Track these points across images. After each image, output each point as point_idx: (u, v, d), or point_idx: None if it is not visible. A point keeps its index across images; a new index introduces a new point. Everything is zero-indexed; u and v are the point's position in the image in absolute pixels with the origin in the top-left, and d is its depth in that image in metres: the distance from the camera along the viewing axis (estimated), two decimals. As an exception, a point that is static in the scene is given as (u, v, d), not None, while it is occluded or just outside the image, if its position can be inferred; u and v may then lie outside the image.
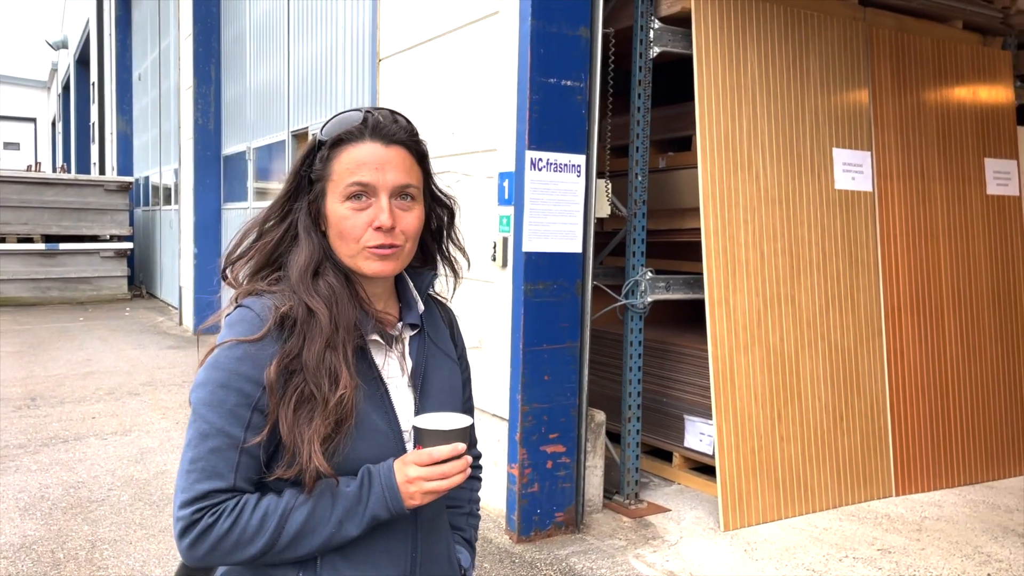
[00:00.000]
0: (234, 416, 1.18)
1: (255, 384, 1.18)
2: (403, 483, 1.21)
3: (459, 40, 4.25)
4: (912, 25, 4.86)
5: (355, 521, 1.21)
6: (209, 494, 1.16)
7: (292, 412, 1.18)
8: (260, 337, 1.20)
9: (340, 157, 1.27)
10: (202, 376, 1.20)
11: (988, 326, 4.94)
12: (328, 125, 1.29)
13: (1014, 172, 5.15)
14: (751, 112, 4.17)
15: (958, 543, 3.89)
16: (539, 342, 3.74)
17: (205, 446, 1.17)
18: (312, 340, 1.20)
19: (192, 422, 1.20)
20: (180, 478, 1.18)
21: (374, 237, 1.25)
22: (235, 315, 1.24)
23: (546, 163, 3.69)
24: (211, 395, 1.18)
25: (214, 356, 1.21)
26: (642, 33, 4.06)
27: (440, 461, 1.20)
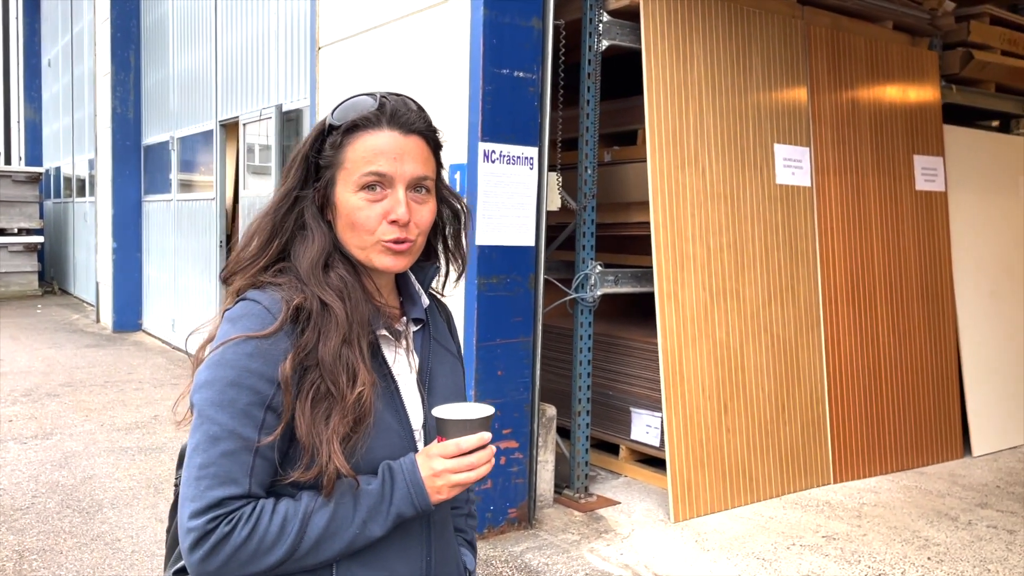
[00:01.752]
0: (247, 416, 1.09)
1: (268, 382, 1.10)
2: (429, 477, 1.15)
3: (406, 28, 4.15)
4: (846, 24, 4.99)
5: (379, 521, 1.15)
6: (223, 501, 1.08)
7: (309, 410, 1.11)
8: (272, 332, 1.12)
9: (354, 144, 1.19)
10: (207, 375, 1.11)
11: (917, 316, 5.12)
12: (340, 109, 1.22)
13: (940, 168, 5.35)
14: (697, 107, 4.21)
15: (897, 528, 4.01)
16: (492, 337, 3.69)
17: (216, 450, 1.08)
18: (328, 335, 1.13)
19: (198, 425, 1.10)
20: (188, 486, 1.09)
21: (389, 231, 1.19)
22: (239, 308, 1.16)
23: (499, 155, 3.64)
24: (220, 395, 1.09)
25: (220, 353, 1.11)
26: (591, 26, 4.04)
27: (467, 452, 1.15)
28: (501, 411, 3.76)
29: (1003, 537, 3.93)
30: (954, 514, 4.23)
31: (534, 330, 3.85)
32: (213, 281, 7.67)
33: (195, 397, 1.12)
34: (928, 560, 3.65)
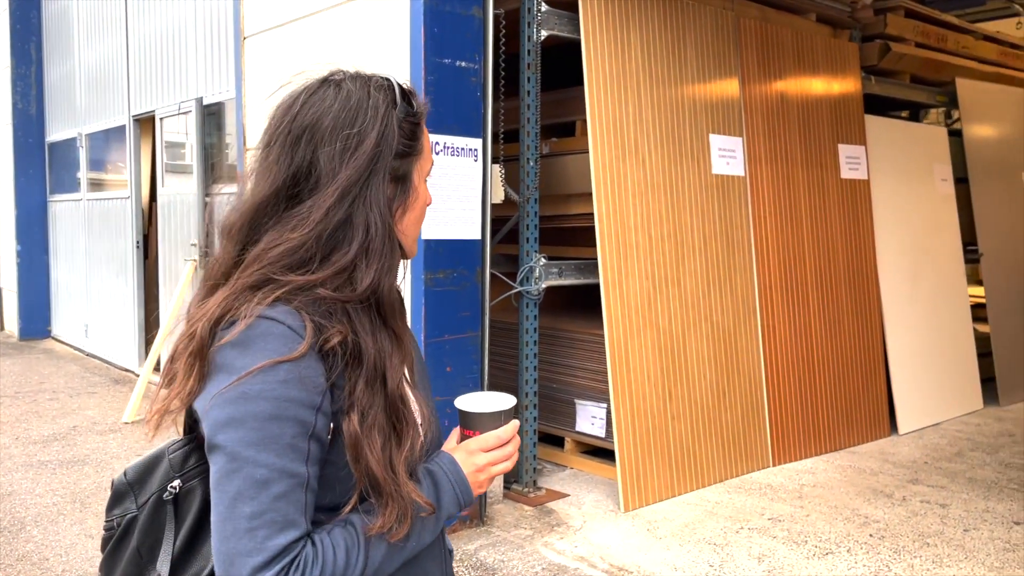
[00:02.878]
0: (294, 451, 0.98)
1: (309, 408, 0.99)
2: (472, 473, 1.14)
3: (341, 16, 4.02)
4: (773, 16, 5.09)
5: (431, 528, 1.11)
6: (287, 547, 0.97)
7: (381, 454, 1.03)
8: (302, 355, 0.99)
9: (425, 131, 1.15)
10: (232, 412, 0.98)
11: (845, 302, 5.28)
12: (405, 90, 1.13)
13: (863, 157, 5.52)
14: (636, 98, 4.22)
15: (837, 507, 4.12)
16: (440, 333, 3.62)
17: (267, 494, 0.97)
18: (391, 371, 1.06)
19: (234, 470, 0.97)
20: (239, 539, 0.96)
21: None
22: (254, 330, 1.00)
23: (443, 147, 3.56)
24: (258, 432, 0.97)
25: (245, 385, 0.97)
26: (530, 15, 4.00)
27: (506, 442, 1.15)
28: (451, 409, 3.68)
29: (936, 511, 4.09)
30: (888, 491, 4.37)
31: (482, 324, 3.79)
32: (130, 283, 7.32)
33: (220, 438, 0.98)
34: (870, 537, 3.76)
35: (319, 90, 1.12)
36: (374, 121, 1.08)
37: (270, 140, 1.11)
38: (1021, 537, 3.76)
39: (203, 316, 1.04)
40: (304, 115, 1.09)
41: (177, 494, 1.12)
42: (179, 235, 6.28)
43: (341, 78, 1.13)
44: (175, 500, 1.12)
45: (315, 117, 1.09)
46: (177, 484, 1.12)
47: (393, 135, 1.10)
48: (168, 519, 1.12)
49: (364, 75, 1.14)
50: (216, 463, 0.99)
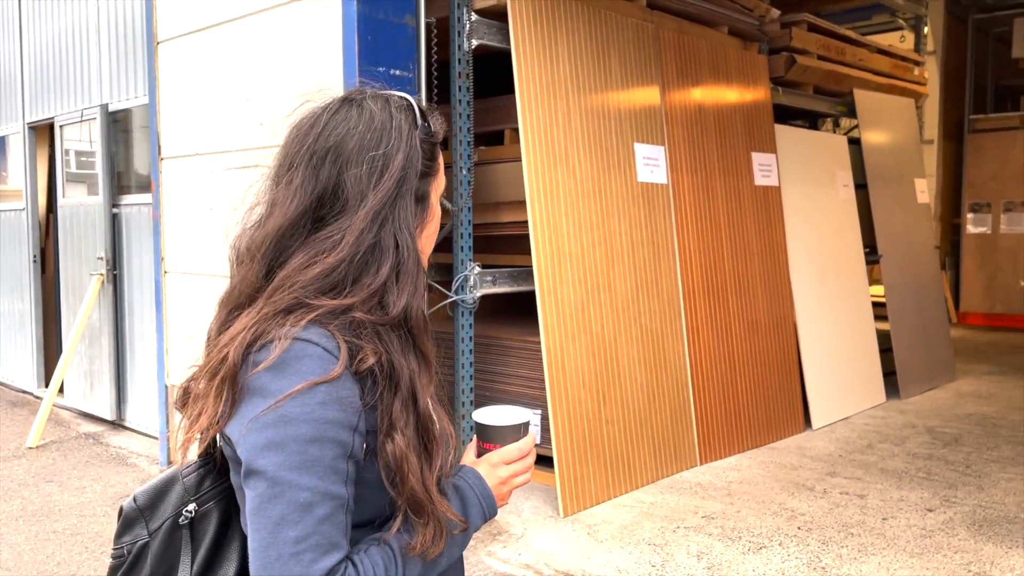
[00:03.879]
0: (335, 473, 0.99)
1: (348, 429, 1.00)
2: (496, 486, 1.17)
3: (267, 22, 3.92)
4: (689, 29, 5.26)
5: (460, 542, 1.14)
6: (332, 570, 0.97)
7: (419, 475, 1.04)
8: (338, 375, 0.99)
9: (439, 151, 1.18)
10: (271, 435, 0.97)
11: (761, 303, 5.49)
12: (423, 110, 1.15)
13: (774, 165, 5.76)
14: (565, 108, 4.28)
15: (765, 502, 4.27)
16: (378, 344, 3.56)
17: (312, 518, 0.97)
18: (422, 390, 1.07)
19: (278, 494, 0.96)
20: (283, 565, 0.95)
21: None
22: (289, 352, 0.99)
23: (379, 156, 3.51)
24: (299, 456, 0.97)
25: (284, 408, 0.97)
26: (459, 24, 4.00)
27: (527, 454, 1.19)
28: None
29: (856, 502, 4.29)
30: (810, 484, 4.56)
31: (419, 335, 3.75)
32: (27, 300, 6.91)
33: (260, 462, 0.97)
34: (799, 530, 3.91)
35: (341, 110, 1.11)
36: (399, 142, 1.09)
37: (292, 162, 1.10)
38: (935, 523, 3.98)
39: (233, 340, 1.02)
40: (328, 136, 1.09)
41: (193, 518, 1.11)
42: (83, 249, 5.98)
43: (362, 98, 1.13)
44: (191, 524, 1.11)
45: (339, 138, 1.08)
46: (193, 508, 1.12)
47: (418, 156, 1.11)
48: (184, 544, 1.11)
49: (384, 95, 1.15)
50: (256, 488, 0.98)
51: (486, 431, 1.17)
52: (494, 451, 1.17)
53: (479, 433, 1.19)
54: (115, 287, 5.65)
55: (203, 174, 4.39)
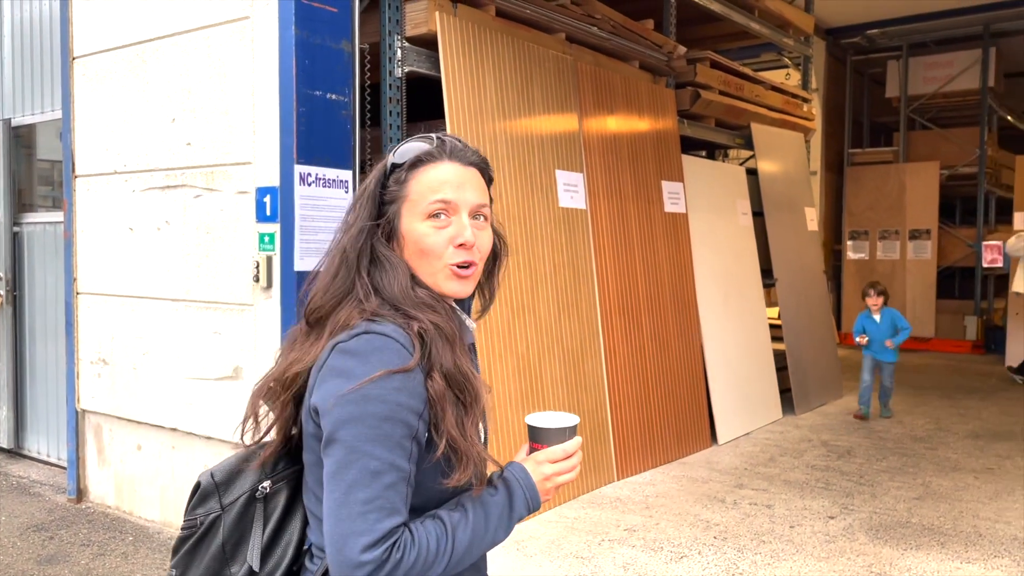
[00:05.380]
0: (401, 448, 1.17)
1: (415, 414, 1.18)
2: (540, 481, 1.30)
3: (197, 42, 3.89)
4: (605, 62, 5.50)
5: (505, 526, 1.28)
6: (392, 531, 1.15)
7: (454, 420, 1.21)
8: (414, 366, 1.18)
9: (418, 177, 1.29)
10: (354, 410, 1.15)
11: (671, 324, 5.75)
12: (400, 150, 1.32)
13: (681, 193, 6.06)
14: (492, 133, 4.41)
15: (681, 514, 4.48)
16: (313, 365, 3.57)
17: (379, 483, 1.14)
18: (445, 350, 1.23)
19: (352, 460, 1.14)
20: (353, 521, 1.13)
21: (456, 254, 1.29)
22: (367, 342, 1.19)
23: (315, 178, 3.54)
24: (375, 430, 1.15)
25: (365, 389, 1.15)
26: (390, 51, 4.08)
27: (571, 455, 1.31)
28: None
29: (764, 512, 4.55)
30: (721, 496, 4.80)
31: (352, 356, 3.78)
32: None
33: (341, 433, 1.15)
34: (715, 539, 4.12)
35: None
36: (370, 180, 1.34)
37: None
38: (837, 529, 4.28)
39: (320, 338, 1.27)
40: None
41: (267, 494, 1.29)
42: (-23, 268, 5.67)
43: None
44: (264, 499, 1.29)
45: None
46: (268, 485, 1.29)
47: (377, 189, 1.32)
48: (256, 516, 1.29)
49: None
50: (334, 455, 1.15)
51: (535, 433, 1.31)
52: (541, 450, 1.30)
53: (530, 435, 1.33)
54: (15, 309, 5.39)
55: (122, 193, 4.29)
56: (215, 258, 3.86)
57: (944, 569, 3.76)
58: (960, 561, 3.84)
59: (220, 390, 3.88)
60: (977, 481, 5.10)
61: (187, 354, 4.03)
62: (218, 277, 3.85)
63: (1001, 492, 4.88)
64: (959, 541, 4.09)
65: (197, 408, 4.00)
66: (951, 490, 4.92)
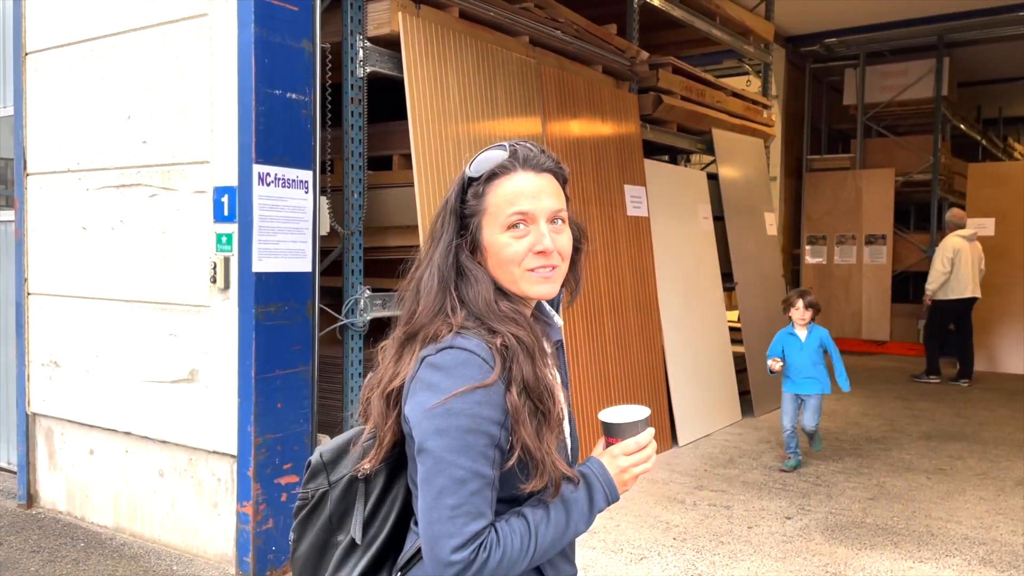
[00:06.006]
0: (484, 457, 1.27)
1: (496, 425, 1.27)
2: (617, 474, 1.37)
3: (154, 38, 3.82)
4: (568, 66, 5.52)
5: (585, 520, 1.36)
6: (478, 534, 1.25)
7: (532, 430, 1.29)
8: (495, 380, 1.27)
9: (495, 190, 1.37)
10: (440, 424, 1.26)
11: (633, 326, 5.79)
12: (476, 162, 1.40)
13: (644, 197, 6.10)
14: (455, 136, 4.40)
15: (641, 516, 4.50)
16: (271, 368, 3.53)
17: (465, 491, 1.25)
18: (526, 362, 1.30)
19: (440, 470, 1.25)
20: (443, 524, 1.24)
21: (535, 260, 1.36)
22: (451, 357, 1.29)
23: (274, 178, 3.50)
24: (459, 441, 1.25)
25: (450, 404, 1.25)
26: (352, 51, 4.05)
27: (644, 447, 1.38)
28: (282, 446, 3.60)
29: (723, 513, 4.59)
30: (680, 497, 4.84)
31: (312, 359, 3.74)
32: None
33: (430, 444, 1.26)
34: (674, 540, 4.15)
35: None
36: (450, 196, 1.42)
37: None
38: (794, 530, 4.33)
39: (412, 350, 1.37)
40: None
41: (369, 474, 1.42)
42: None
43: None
44: (366, 479, 1.42)
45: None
46: (367, 467, 1.41)
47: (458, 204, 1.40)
48: (359, 494, 1.43)
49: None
50: (424, 463, 1.27)
51: (609, 428, 1.38)
52: (616, 444, 1.37)
53: (604, 430, 1.40)
54: (-38, 310, 5.24)
55: (76, 192, 4.20)
56: (171, 258, 3.80)
57: (897, 568, 3.83)
58: (913, 561, 3.92)
59: (176, 393, 3.82)
60: (930, 481, 5.21)
61: (142, 356, 3.95)
62: (174, 278, 3.79)
63: (953, 492, 4.98)
64: (912, 541, 4.17)
65: (152, 412, 3.92)
66: (905, 490, 5.02)
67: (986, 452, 5.95)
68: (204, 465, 3.74)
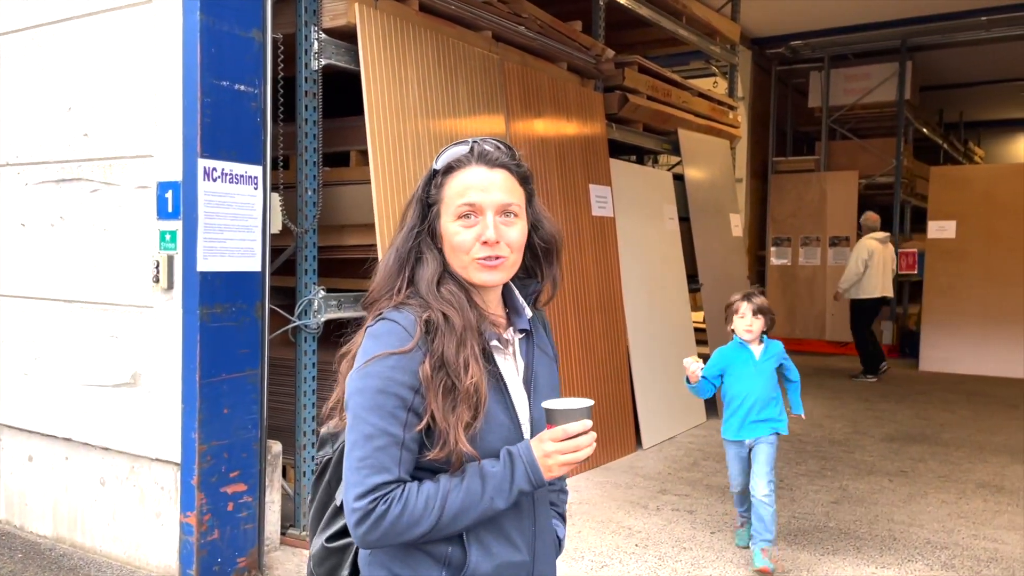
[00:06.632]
0: (393, 417, 1.36)
1: (409, 388, 1.37)
2: (541, 458, 1.41)
3: (97, 26, 3.65)
4: (532, 62, 5.42)
5: (503, 496, 1.40)
6: (379, 486, 1.35)
7: (441, 402, 1.36)
8: (411, 348, 1.37)
9: (450, 182, 1.48)
10: (358, 384, 1.39)
11: (598, 328, 5.70)
12: (441, 156, 1.51)
13: (609, 197, 6.02)
14: (415, 133, 4.27)
15: (604, 521, 4.41)
16: (217, 372, 3.38)
17: (371, 446, 1.36)
18: (448, 340, 1.39)
19: (354, 426, 1.38)
20: (351, 474, 1.37)
21: (481, 250, 1.44)
22: (381, 327, 1.42)
23: (221, 173, 3.35)
24: (371, 401, 1.37)
25: (368, 367, 1.38)
26: (307, 43, 3.91)
27: (573, 436, 1.40)
28: (228, 453, 3.45)
29: (686, 518, 4.52)
30: (643, 502, 4.76)
31: (261, 362, 3.60)
32: None
33: (350, 402, 1.40)
34: (636, 547, 4.07)
35: None
36: (419, 186, 1.55)
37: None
38: (757, 534, 4.27)
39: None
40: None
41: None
42: None
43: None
44: None
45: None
46: (332, 425, 1.55)
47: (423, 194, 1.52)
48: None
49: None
50: (347, 419, 1.40)
51: (548, 415, 1.43)
52: (547, 430, 1.42)
53: (546, 417, 1.44)
54: None
55: (14, 186, 4.00)
56: (113, 257, 3.63)
57: (860, 574, 3.77)
58: (875, 567, 3.87)
59: (118, 398, 3.64)
60: (892, 484, 5.19)
61: (82, 359, 3.78)
62: (116, 277, 3.62)
63: (914, 495, 4.97)
64: (874, 546, 4.12)
65: (93, 417, 3.75)
66: (867, 493, 4.99)
67: (947, 454, 5.96)
68: (147, 473, 3.58)
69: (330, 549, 1.54)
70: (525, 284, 1.59)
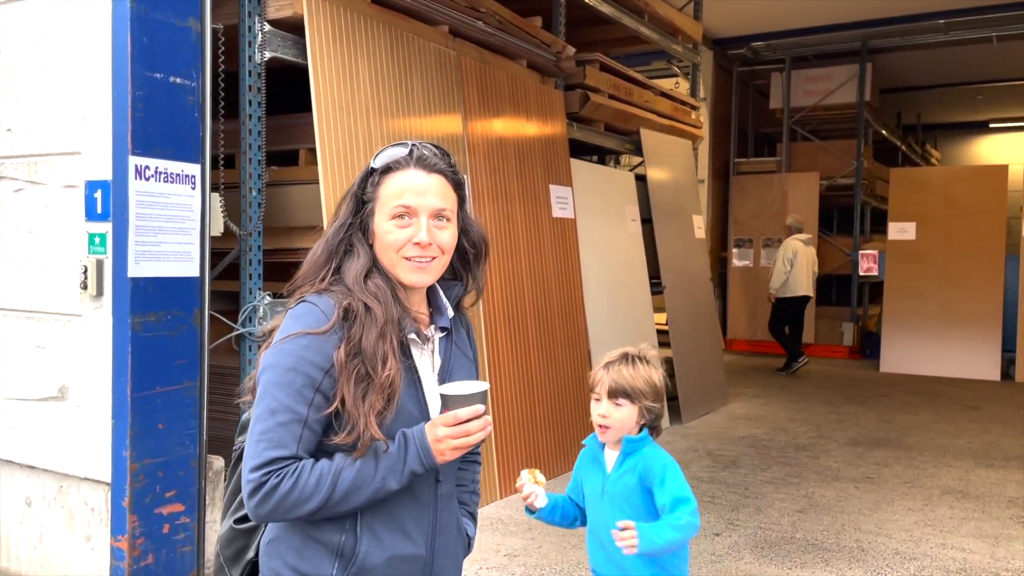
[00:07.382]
0: (300, 396, 1.38)
1: (319, 369, 1.39)
2: (433, 442, 1.42)
3: (19, 13, 3.39)
4: (490, 59, 5.24)
5: (396, 477, 1.42)
6: (274, 460, 1.37)
7: (353, 388, 1.38)
8: (327, 330, 1.40)
9: (387, 182, 1.51)
10: (270, 360, 1.41)
11: (559, 333, 5.54)
12: (379, 156, 1.54)
13: (570, 197, 5.87)
14: (366, 129, 4.07)
15: (564, 536, 4.25)
16: (151, 385, 3.15)
17: (273, 420, 1.37)
18: (368, 330, 1.41)
19: (261, 399, 1.39)
20: (250, 446, 1.38)
21: (412, 250, 1.48)
22: (301, 309, 1.45)
23: (155, 172, 3.12)
24: (280, 377, 1.38)
25: (282, 344, 1.40)
26: (250, 34, 3.69)
27: (464, 421, 1.41)
28: (163, 471, 3.22)
29: (650, 529, 4.37)
30: (606, 514, 4.61)
31: (200, 373, 3.37)
32: None
33: (261, 377, 1.42)
34: (599, 562, 3.90)
35: None
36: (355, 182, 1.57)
37: None
38: (723, 548, 4.14)
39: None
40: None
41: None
42: None
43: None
44: None
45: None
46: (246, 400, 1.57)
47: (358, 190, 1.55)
48: None
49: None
50: (257, 392, 1.42)
51: (443, 399, 1.44)
52: (440, 415, 1.44)
53: (441, 402, 1.46)
54: None
55: (-68, 184, 3.72)
56: (38, 261, 3.37)
57: (829, 588, 3.66)
58: (844, 579, 3.76)
59: (44, 412, 3.39)
60: (858, 491, 5.11)
61: (6, 371, 3.51)
62: (42, 283, 3.36)
63: (881, 502, 4.88)
64: (842, 557, 4.02)
65: (18, 433, 3.49)
66: (833, 501, 4.89)
67: (912, 459, 5.90)
68: (76, 493, 3.33)
69: (237, 531, 1.57)
70: (450, 286, 1.62)
